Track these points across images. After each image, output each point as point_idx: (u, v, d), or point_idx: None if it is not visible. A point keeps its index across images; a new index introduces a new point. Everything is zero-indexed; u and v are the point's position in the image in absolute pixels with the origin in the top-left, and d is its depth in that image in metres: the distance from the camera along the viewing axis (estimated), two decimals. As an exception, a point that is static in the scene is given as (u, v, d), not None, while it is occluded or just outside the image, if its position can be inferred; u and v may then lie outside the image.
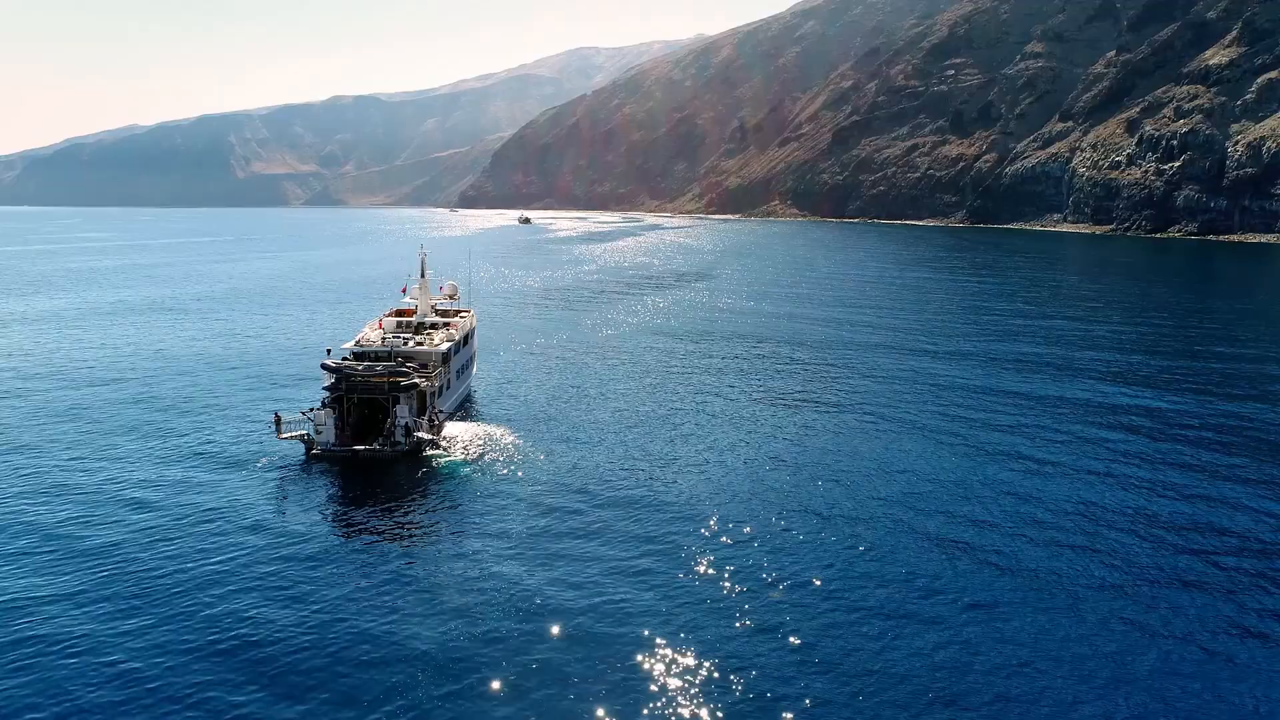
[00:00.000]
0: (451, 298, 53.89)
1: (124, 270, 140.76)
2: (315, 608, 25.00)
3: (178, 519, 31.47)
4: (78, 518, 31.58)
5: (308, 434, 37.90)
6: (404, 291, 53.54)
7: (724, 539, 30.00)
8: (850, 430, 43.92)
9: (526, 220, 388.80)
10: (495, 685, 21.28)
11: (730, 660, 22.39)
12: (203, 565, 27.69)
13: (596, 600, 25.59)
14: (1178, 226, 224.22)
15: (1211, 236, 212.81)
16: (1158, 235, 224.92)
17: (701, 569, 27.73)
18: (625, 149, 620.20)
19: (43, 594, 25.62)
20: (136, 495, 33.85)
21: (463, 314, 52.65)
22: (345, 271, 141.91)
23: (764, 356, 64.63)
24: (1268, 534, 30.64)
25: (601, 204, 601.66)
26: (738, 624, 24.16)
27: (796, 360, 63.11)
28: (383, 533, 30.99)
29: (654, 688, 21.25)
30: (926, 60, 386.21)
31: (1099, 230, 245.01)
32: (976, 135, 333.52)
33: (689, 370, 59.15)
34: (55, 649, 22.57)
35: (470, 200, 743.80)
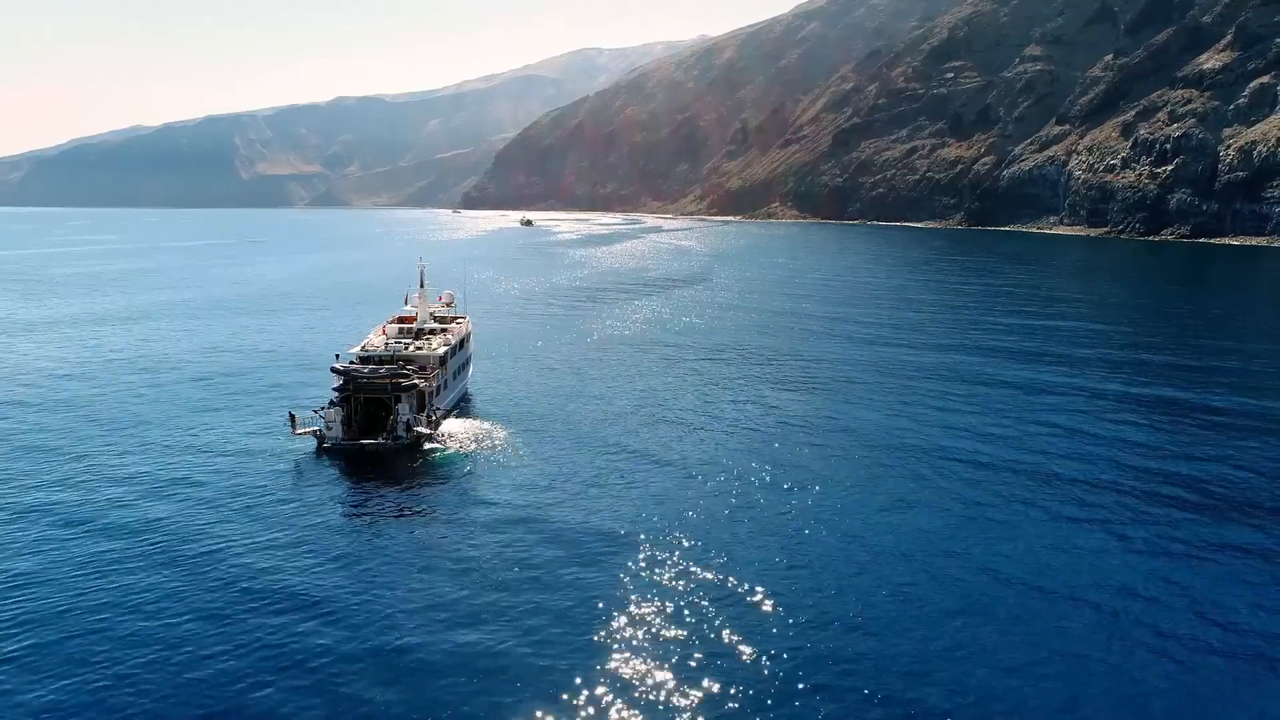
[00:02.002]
0: (448, 306, 58.21)
1: (135, 274, 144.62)
2: (328, 571, 28.77)
3: (206, 506, 35.12)
4: (118, 500, 35.46)
5: (319, 430, 41.84)
6: (405, 300, 57.73)
7: (693, 518, 33.48)
8: (829, 422, 47.42)
9: (528, 222, 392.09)
10: (476, 633, 24.94)
11: (695, 618, 25.99)
12: (231, 542, 31.37)
13: (571, 559, 29.72)
14: (1170, 229, 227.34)
15: (1203, 239, 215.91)
16: (1151, 238, 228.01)
17: (660, 540, 31.31)
18: (628, 150, 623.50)
19: (105, 558, 29.57)
20: (158, 490, 37.39)
21: (459, 320, 56.52)
22: (349, 275, 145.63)
23: (750, 356, 68.13)
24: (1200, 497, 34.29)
25: (604, 205, 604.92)
26: (700, 589, 27.74)
27: (782, 359, 66.63)
28: (386, 513, 34.94)
29: (618, 635, 24.77)
30: (926, 63, 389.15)
31: (1094, 233, 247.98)
32: (975, 138, 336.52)
33: (676, 370, 62.68)
34: (117, 597, 26.31)
35: (473, 201, 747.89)
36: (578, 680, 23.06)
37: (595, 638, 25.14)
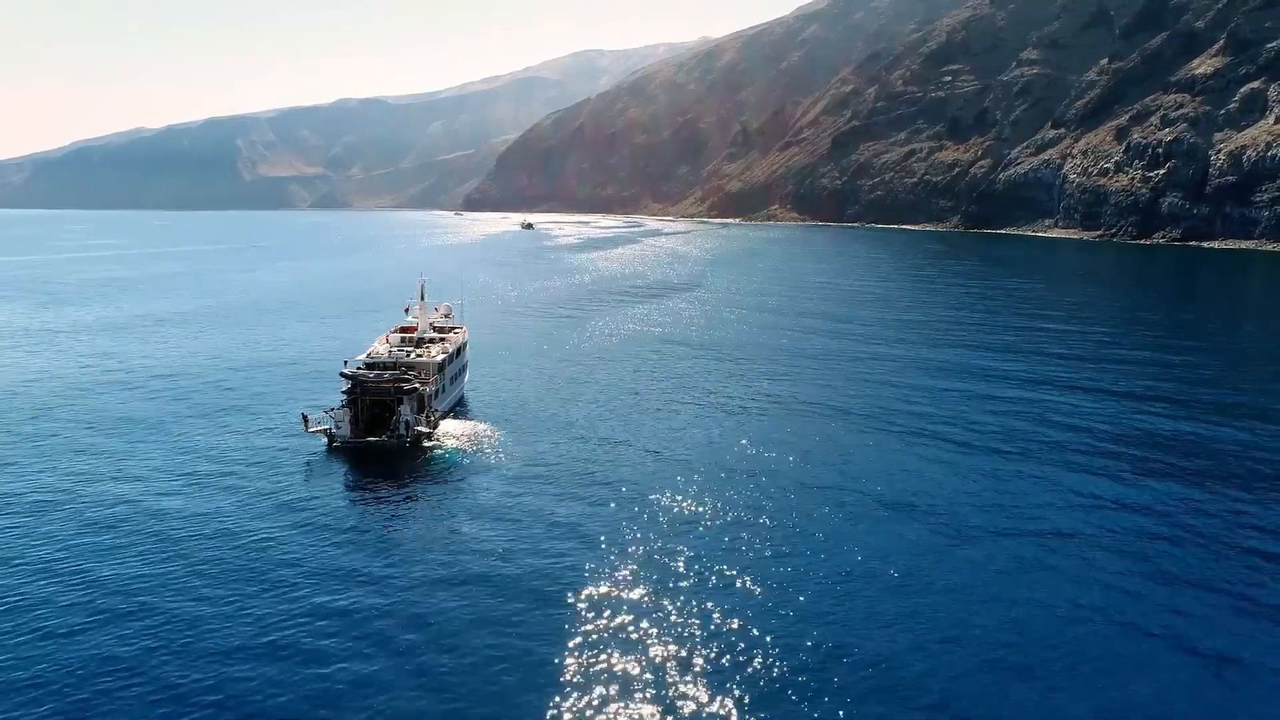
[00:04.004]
0: (446, 316, 62.48)
1: (145, 281, 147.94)
2: (338, 555, 32.66)
3: (231, 494, 39.21)
4: (148, 494, 39.33)
5: (329, 429, 45.92)
6: (406, 311, 62.27)
7: (666, 508, 37.15)
8: (809, 425, 51.02)
9: (529, 226, 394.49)
10: (464, 601, 28.87)
11: (657, 590, 29.56)
12: (253, 529, 35.33)
13: (552, 540, 34.02)
14: (1162, 233, 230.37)
15: (1193, 242, 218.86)
16: (1143, 241, 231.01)
17: (635, 522, 35.17)
18: (629, 152, 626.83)
19: (145, 535, 33.49)
20: (190, 481, 41.24)
21: (456, 330, 60.60)
22: (353, 282, 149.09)
23: (735, 360, 71.76)
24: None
25: (605, 207, 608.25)
26: (660, 565, 31.34)
27: (764, 363, 70.23)
28: (390, 503, 39.05)
29: (588, 605, 28.42)
30: (925, 66, 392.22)
31: (1087, 236, 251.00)
32: (972, 141, 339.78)
33: (661, 374, 66.34)
34: (146, 572, 30.01)
35: (475, 203, 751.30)
36: (554, 650, 26.57)
37: (571, 611, 28.72)
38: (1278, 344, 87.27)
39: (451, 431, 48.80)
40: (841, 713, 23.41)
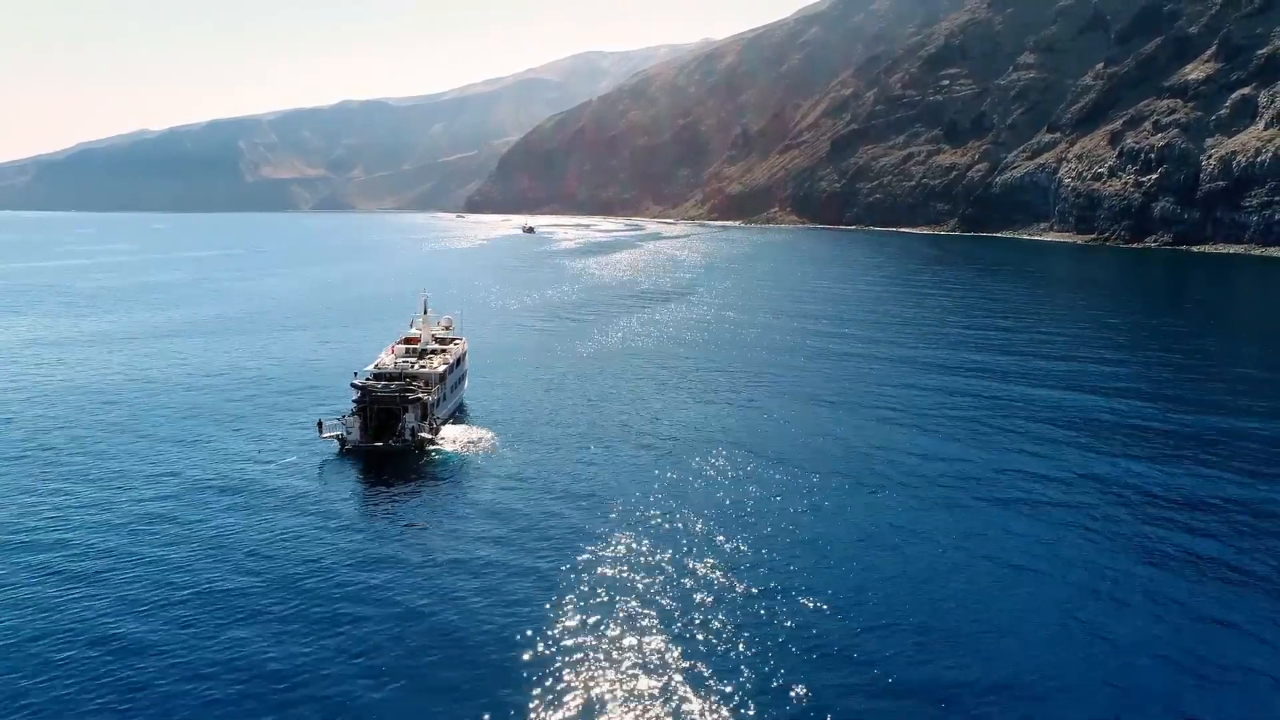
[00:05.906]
0: (447, 329, 66.34)
1: (152, 288, 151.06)
2: (348, 547, 36.40)
3: (253, 493, 43.10)
4: (180, 490, 43.46)
5: (341, 434, 49.74)
6: (411, 324, 66.34)
7: (654, 495, 40.66)
8: (795, 425, 54.43)
9: (530, 230, 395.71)
10: (463, 586, 32.39)
11: (638, 574, 32.84)
12: (271, 524, 39.22)
13: (540, 532, 38.06)
14: (1154, 236, 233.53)
15: (1184, 246, 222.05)
16: (1135, 245, 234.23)
17: (623, 511, 38.79)
18: (630, 154, 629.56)
19: (181, 523, 37.29)
20: (217, 479, 45.13)
21: (456, 342, 64.31)
22: (357, 288, 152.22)
23: (730, 361, 75.31)
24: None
25: (606, 209, 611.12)
26: (633, 551, 34.69)
27: (760, 364, 73.85)
28: (395, 499, 43.04)
29: (579, 585, 31.78)
30: (923, 70, 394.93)
31: (1081, 239, 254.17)
32: (969, 145, 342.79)
33: (654, 375, 69.77)
34: (171, 567, 33.45)
35: (476, 205, 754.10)
36: (548, 620, 29.93)
37: (562, 588, 32.24)
38: (1254, 346, 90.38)
39: (452, 436, 52.62)
40: (800, 646, 26.73)
